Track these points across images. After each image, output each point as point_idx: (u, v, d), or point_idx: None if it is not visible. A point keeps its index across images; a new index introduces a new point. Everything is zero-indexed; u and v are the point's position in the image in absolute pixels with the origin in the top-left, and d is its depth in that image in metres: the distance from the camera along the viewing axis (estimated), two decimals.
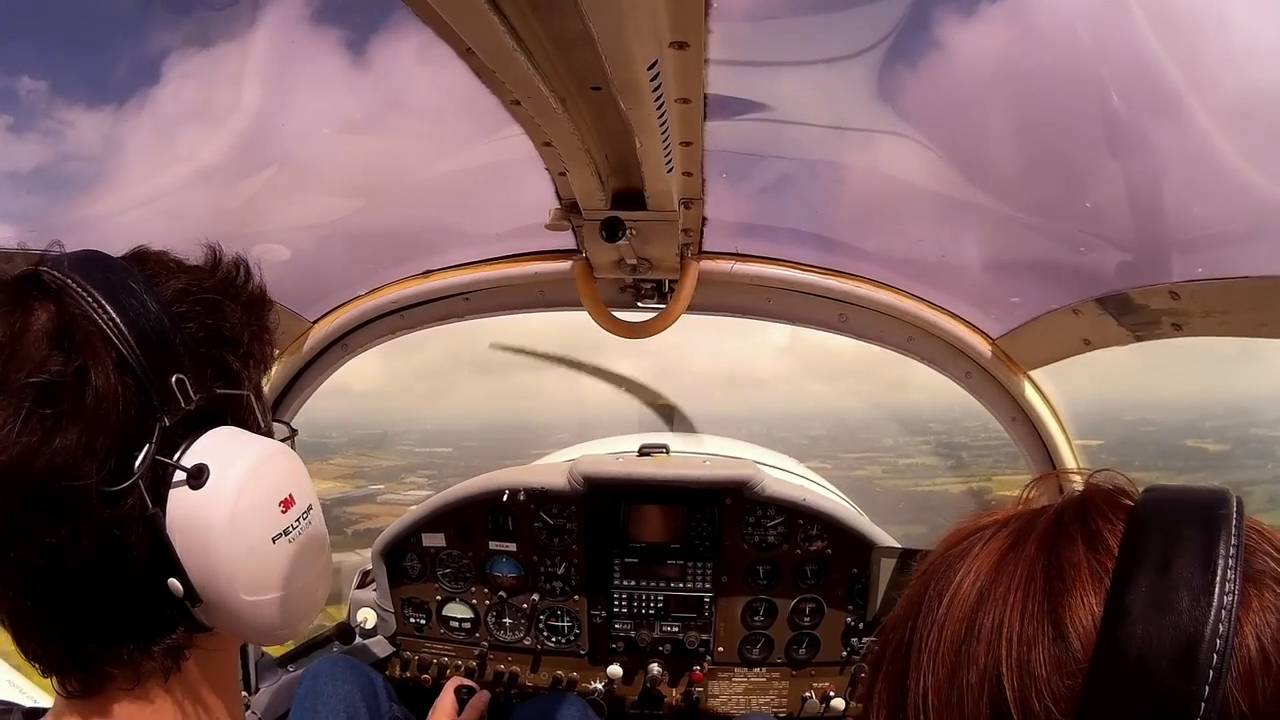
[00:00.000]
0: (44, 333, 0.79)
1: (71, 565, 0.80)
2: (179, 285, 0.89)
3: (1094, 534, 0.63)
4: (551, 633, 2.84)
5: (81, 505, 0.79)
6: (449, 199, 2.14)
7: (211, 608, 0.86)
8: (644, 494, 2.74)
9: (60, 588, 0.81)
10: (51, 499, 0.78)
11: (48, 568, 0.79)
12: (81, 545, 0.79)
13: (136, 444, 0.81)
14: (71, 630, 0.83)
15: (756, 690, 2.84)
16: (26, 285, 0.82)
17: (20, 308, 0.80)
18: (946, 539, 0.72)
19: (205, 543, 0.84)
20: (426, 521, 2.82)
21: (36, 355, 0.78)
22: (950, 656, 0.63)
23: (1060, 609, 0.60)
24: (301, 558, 0.92)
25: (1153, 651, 0.55)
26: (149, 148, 1.61)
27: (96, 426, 0.79)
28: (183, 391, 0.84)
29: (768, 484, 2.74)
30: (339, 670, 2.46)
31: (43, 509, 0.78)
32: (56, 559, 0.79)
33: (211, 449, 0.86)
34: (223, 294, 0.92)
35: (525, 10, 0.96)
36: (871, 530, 2.72)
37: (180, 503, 0.84)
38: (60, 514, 0.78)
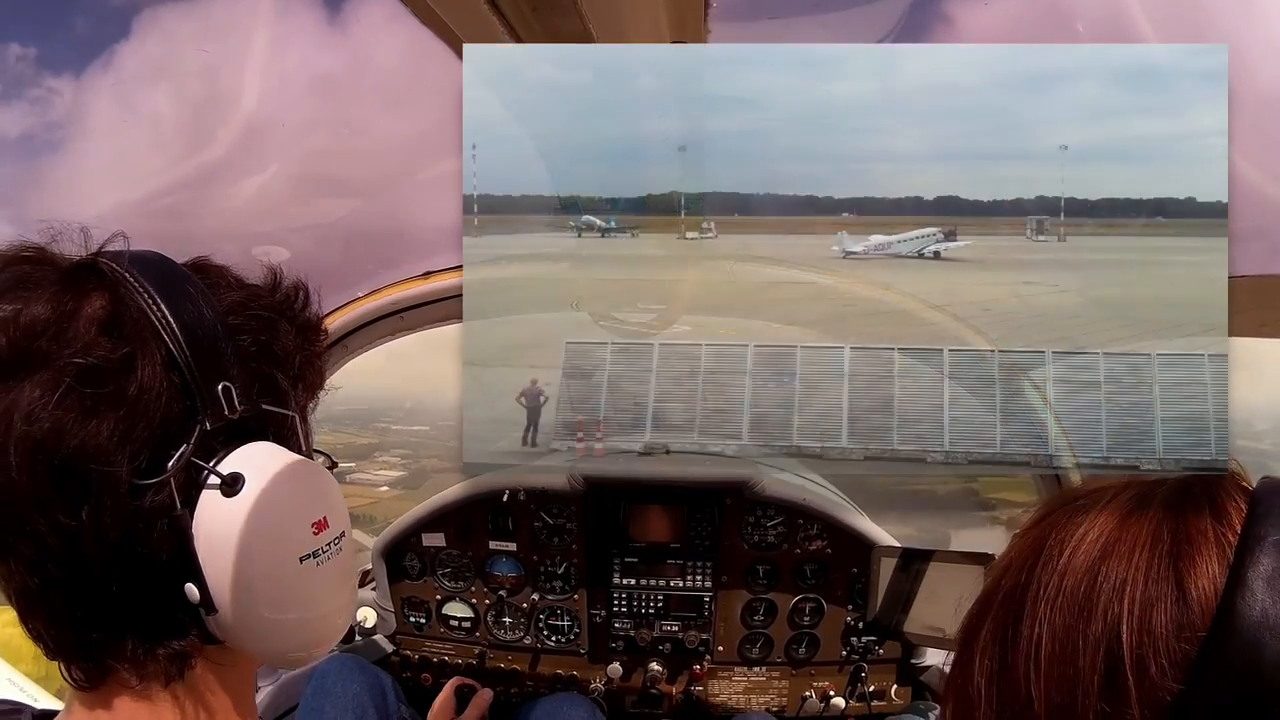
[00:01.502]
0: (95, 318, 0.79)
1: (88, 551, 0.79)
2: (236, 298, 0.89)
3: (1219, 507, 0.65)
4: (551, 632, 2.85)
5: (108, 492, 0.78)
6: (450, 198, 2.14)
7: (225, 620, 0.84)
8: (644, 493, 2.75)
9: (73, 573, 0.80)
10: (77, 480, 0.77)
11: (63, 550, 0.79)
12: (101, 533, 0.79)
13: (174, 442, 0.81)
14: (80, 617, 0.83)
15: (756, 689, 2.84)
16: (82, 272, 0.82)
17: (74, 291, 0.80)
18: (1061, 496, 0.73)
19: (230, 552, 0.82)
20: (426, 521, 2.83)
21: (85, 337, 0.78)
22: (1070, 607, 0.64)
23: (1185, 573, 0.61)
24: (327, 583, 0.90)
25: (1270, 627, 0.56)
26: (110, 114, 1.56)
27: (135, 416, 0.78)
28: (228, 400, 0.84)
29: (768, 484, 2.74)
30: (348, 670, 2.46)
31: (66, 488, 0.77)
32: (74, 542, 0.79)
33: (250, 460, 0.85)
34: (279, 313, 0.92)
35: (525, 10, 0.96)
36: (871, 530, 2.72)
37: (210, 508, 0.83)
38: (83, 497, 0.78)
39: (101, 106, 1.58)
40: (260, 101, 1.64)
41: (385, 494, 22.42)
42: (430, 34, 1.13)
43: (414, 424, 28.77)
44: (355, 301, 2.49)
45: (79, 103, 1.76)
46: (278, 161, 1.86)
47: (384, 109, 1.76)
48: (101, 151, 1.64)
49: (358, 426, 27.62)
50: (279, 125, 1.72)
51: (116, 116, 1.62)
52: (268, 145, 1.77)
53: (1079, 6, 1.37)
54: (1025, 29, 1.44)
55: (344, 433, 27.13)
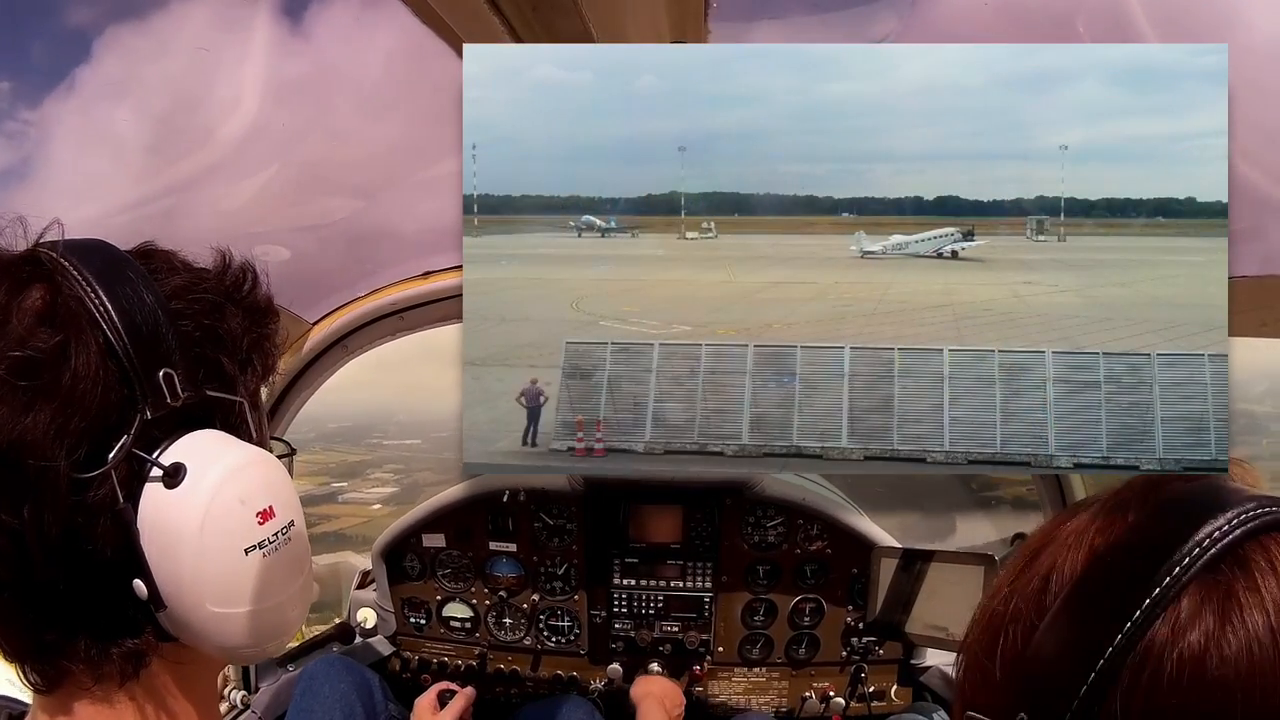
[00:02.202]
0: (33, 310, 0.78)
1: (33, 550, 0.77)
2: (179, 282, 0.87)
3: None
4: (551, 632, 2.84)
5: (47, 487, 0.76)
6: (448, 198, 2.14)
7: (176, 616, 0.82)
8: (644, 494, 2.75)
9: (19, 573, 0.78)
10: (16, 477, 0.75)
11: (8, 549, 0.77)
12: (44, 530, 0.77)
13: (114, 433, 0.79)
14: (31, 619, 0.81)
15: (756, 690, 2.84)
16: (24, 264, 0.81)
17: (14, 284, 0.79)
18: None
19: (175, 545, 0.80)
20: (427, 522, 2.83)
21: (21, 330, 0.76)
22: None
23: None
24: (276, 574, 0.87)
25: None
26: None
27: (71, 408, 0.76)
28: (170, 387, 0.81)
29: (768, 484, 2.74)
30: (335, 670, 2.46)
31: (6, 486, 0.76)
32: (18, 542, 0.77)
33: (193, 449, 0.83)
34: (225, 297, 0.90)
35: (525, 10, 0.96)
36: (871, 530, 2.72)
37: (153, 501, 0.81)
38: (23, 494, 0.76)
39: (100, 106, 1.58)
40: (259, 101, 1.63)
41: (378, 511, 22.10)
42: (430, 34, 1.13)
43: (406, 438, 28.44)
44: (355, 301, 2.49)
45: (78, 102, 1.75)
46: (277, 162, 1.85)
47: (384, 109, 1.76)
48: (100, 152, 1.64)
49: (349, 443, 27.31)
50: (278, 125, 1.72)
51: (116, 116, 1.62)
52: (267, 146, 1.77)
53: (1079, 6, 1.37)
54: (1025, 29, 1.44)
55: (335, 450, 26.77)
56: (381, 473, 26.26)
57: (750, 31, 1.39)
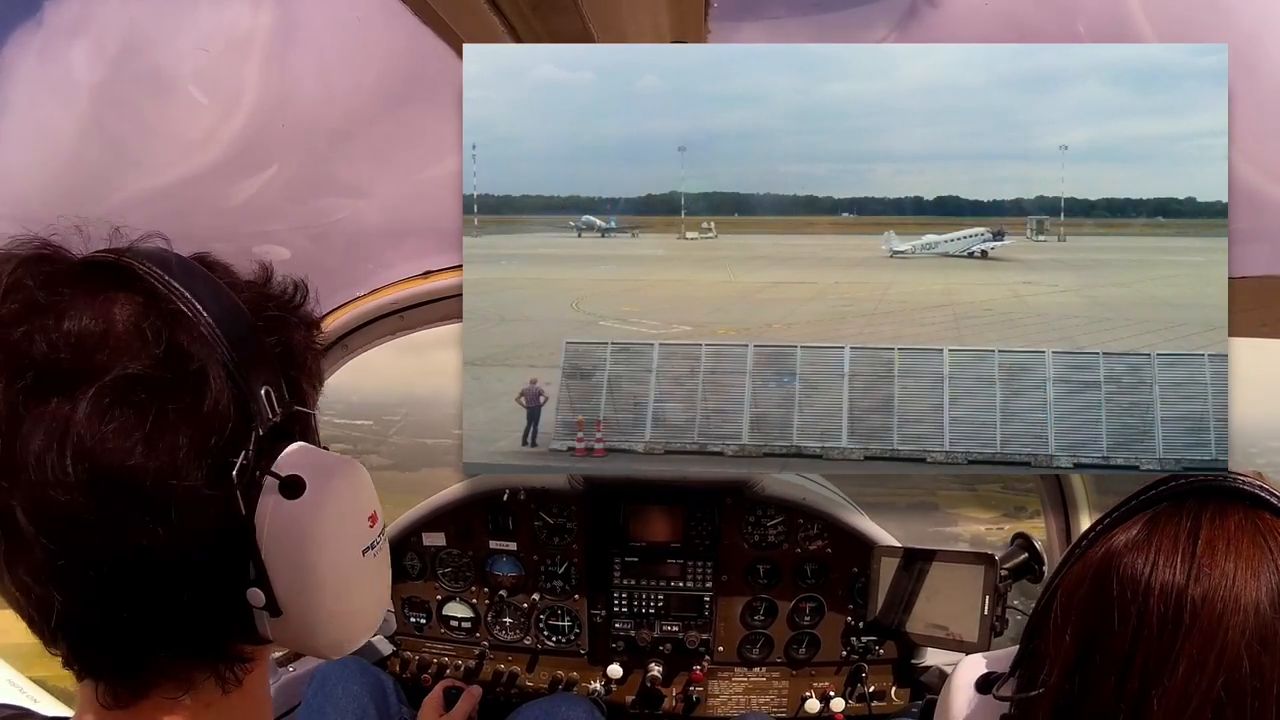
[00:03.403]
0: (147, 328, 0.76)
1: (162, 568, 0.77)
2: (249, 296, 0.88)
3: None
4: (551, 632, 2.84)
5: (188, 508, 0.76)
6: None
7: (290, 620, 0.84)
8: (644, 493, 2.75)
9: (144, 592, 0.77)
10: (159, 498, 0.75)
11: (139, 569, 0.76)
12: (179, 549, 0.77)
13: (235, 450, 0.80)
14: (127, 635, 0.79)
15: (756, 690, 2.84)
16: (105, 271, 0.79)
17: (104, 294, 0.77)
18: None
19: (299, 553, 0.82)
20: (427, 521, 2.83)
21: (139, 348, 0.75)
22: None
23: None
24: (380, 572, 0.93)
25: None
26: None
27: (207, 429, 0.77)
28: (269, 403, 0.83)
29: (768, 484, 2.74)
30: (349, 672, 2.46)
31: (143, 508, 0.74)
32: (147, 560, 0.76)
33: (302, 461, 0.85)
34: (286, 310, 0.91)
35: (525, 10, 0.96)
36: (872, 530, 2.72)
37: (273, 512, 0.82)
38: (163, 514, 0.75)
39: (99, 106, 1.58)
40: (259, 101, 1.63)
41: None
42: (430, 33, 1.13)
43: (357, 418, 28.22)
44: (355, 301, 2.49)
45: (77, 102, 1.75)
46: (277, 161, 1.85)
47: (384, 109, 1.76)
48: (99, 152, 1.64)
49: None
50: (278, 125, 1.72)
51: (115, 116, 1.62)
52: (267, 145, 1.77)
53: (1079, 6, 1.37)
54: (1025, 29, 1.44)
55: None
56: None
57: (750, 31, 1.39)
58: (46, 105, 1.53)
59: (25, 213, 0.82)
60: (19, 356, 0.72)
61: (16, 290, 0.74)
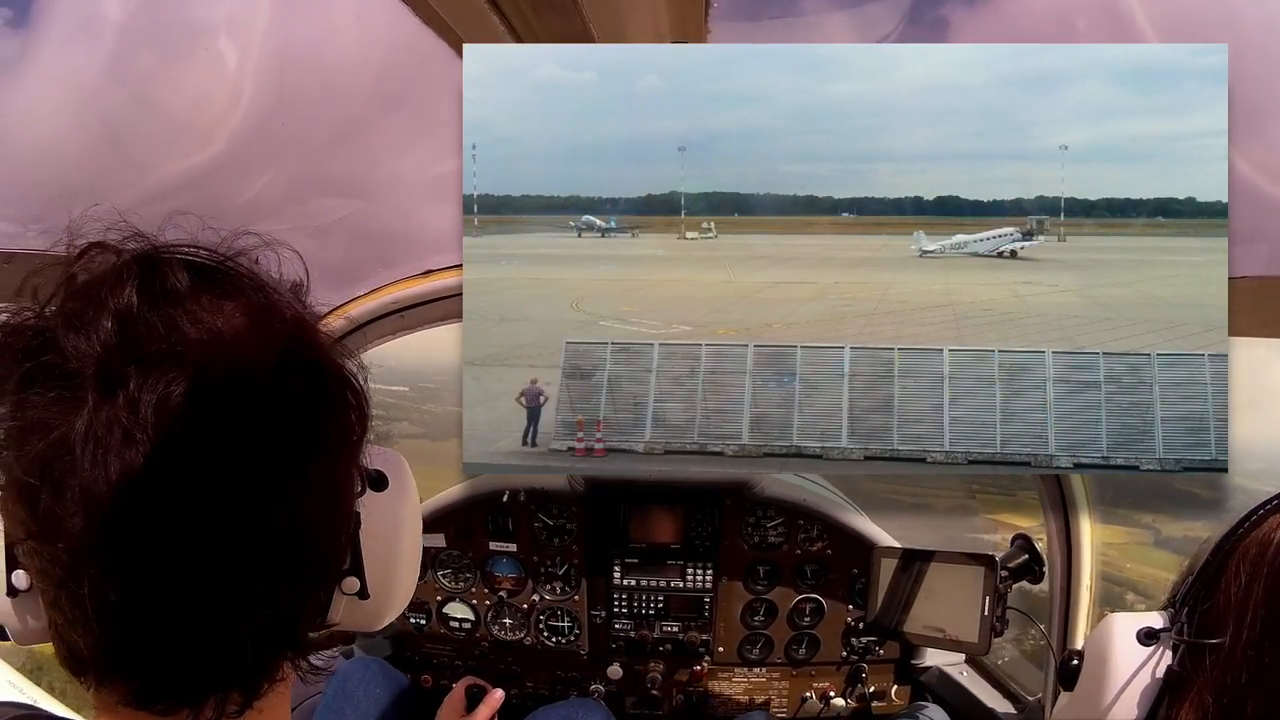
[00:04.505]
0: (280, 334, 0.77)
1: (282, 561, 0.75)
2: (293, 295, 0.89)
3: None
4: (551, 633, 2.84)
5: (341, 494, 0.81)
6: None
7: (376, 603, 0.90)
8: (644, 494, 2.75)
9: (263, 589, 0.75)
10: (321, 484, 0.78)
11: (279, 582, 0.75)
12: (305, 539, 0.78)
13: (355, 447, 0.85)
14: (246, 639, 0.75)
15: (756, 690, 2.84)
16: (220, 275, 0.78)
17: (262, 297, 0.78)
18: None
19: (392, 541, 0.91)
20: (426, 521, 2.82)
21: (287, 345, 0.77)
22: None
23: None
24: (419, 545, 1.03)
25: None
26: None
27: (351, 427, 0.82)
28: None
29: (767, 484, 2.74)
30: (370, 673, 2.45)
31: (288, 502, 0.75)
32: (298, 570, 0.77)
33: (372, 456, 0.89)
34: (303, 309, 0.91)
35: (525, 10, 0.96)
36: (871, 530, 2.72)
37: (368, 504, 0.87)
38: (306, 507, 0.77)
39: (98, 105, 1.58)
40: (260, 101, 1.63)
41: None
42: (430, 33, 1.13)
43: (393, 384, 27.96)
44: (355, 301, 2.49)
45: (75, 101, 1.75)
46: (277, 162, 1.85)
47: (384, 109, 1.76)
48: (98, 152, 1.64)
49: None
50: (278, 125, 1.72)
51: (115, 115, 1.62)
52: (267, 145, 1.77)
53: (1079, 6, 1.37)
54: (1025, 29, 1.44)
55: None
56: None
57: (751, 31, 1.39)
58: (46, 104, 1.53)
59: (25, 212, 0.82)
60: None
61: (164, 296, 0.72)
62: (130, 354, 0.67)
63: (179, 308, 0.71)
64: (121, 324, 0.68)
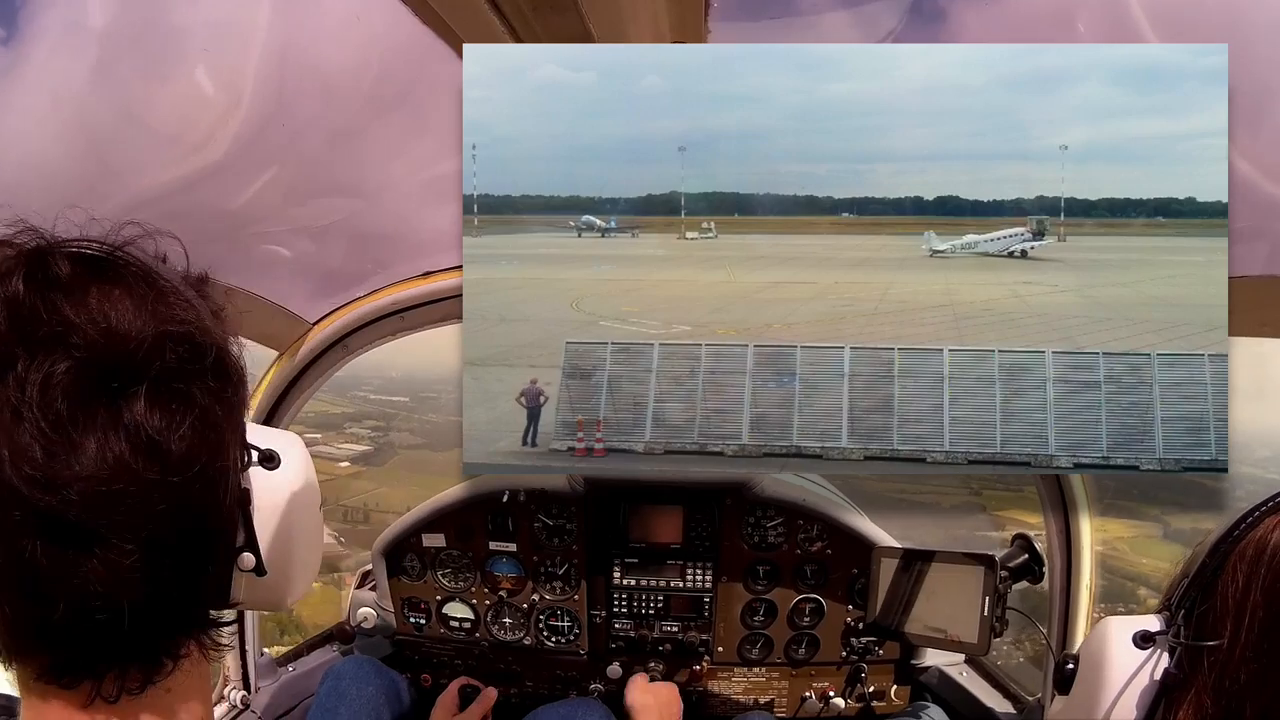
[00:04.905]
0: (214, 326, 0.82)
1: (196, 544, 0.80)
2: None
3: None
4: (551, 632, 2.85)
5: (226, 488, 0.83)
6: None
7: (268, 579, 0.90)
8: (644, 494, 2.75)
9: (166, 575, 0.78)
10: (212, 479, 0.80)
11: (166, 554, 0.77)
12: (215, 523, 0.82)
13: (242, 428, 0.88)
14: (155, 615, 0.79)
15: (756, 689, 2.84)
16: (112, 267, 0.79)
17: (119, 291, 0.79)
18: None
19: (285, 516, 0.93)
20: (427, 521, 2.83)
21: (233, 343, 0.83)
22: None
23: None
24: (322, 527, 1.05)
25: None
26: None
27: (240, 410, 0.86)
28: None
29: (767, 484, 2.74)
30: (364, 672, 2.45)
31: (200, 488, 0.79)
32: (186, 544, 0.79)
33: (261, 436, 0.93)
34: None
35: (525, 10, 0.96)
36: (871, 530, 2.72)
37: (260, 482, 0.90)
38: (212, 492, 0.81)
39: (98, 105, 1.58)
40: (260, 102, 1.63)
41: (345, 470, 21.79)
42: (430, 34, 1.13)
43: (394, 394, 27.58)
44: (355, 301, 2.49)
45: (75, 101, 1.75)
46: (277, 162, 1.85)
47: (384, 109, 1.76)
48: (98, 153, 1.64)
49: (334, 393, 26.72)
50: (279, 126, 1.72)
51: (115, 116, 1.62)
52: (267, 146, 1.77)
53: (1079, 6, 1.37)
54: (1025, 29, 1.44)
55: (318, 399, 26.16)
56: (359, 428, 25.98)
57: (750, 31, 1.39)
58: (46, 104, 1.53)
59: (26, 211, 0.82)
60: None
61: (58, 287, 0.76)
62: (18, 337, 0.72)
63: (62, 293, 0.75)
64: (9, 311, 0.73)
